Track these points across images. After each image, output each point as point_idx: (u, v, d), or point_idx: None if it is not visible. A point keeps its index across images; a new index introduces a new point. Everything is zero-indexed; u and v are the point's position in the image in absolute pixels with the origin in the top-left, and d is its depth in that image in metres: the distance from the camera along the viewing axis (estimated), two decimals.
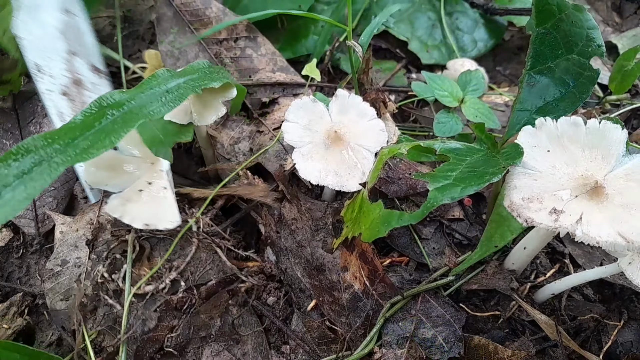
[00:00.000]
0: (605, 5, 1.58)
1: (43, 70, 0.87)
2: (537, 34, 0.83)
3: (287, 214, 0.98)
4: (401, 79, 1.42)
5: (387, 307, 0.86)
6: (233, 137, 1.12)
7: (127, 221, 0.79)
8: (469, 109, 1.15)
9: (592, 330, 0.89)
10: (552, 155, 0.71)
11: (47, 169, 0.59)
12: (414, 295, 0.89)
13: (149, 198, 0.82)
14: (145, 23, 1.40)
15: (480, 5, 1.45)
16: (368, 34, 1.08)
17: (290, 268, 0.93)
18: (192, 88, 0.81)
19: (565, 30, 0.81)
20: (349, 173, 0.87)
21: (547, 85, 0.83)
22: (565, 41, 0.81)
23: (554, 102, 0.82)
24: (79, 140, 0.63)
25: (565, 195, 0.66)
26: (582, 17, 0.80)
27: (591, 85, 0.82)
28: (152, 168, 0.85)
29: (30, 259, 0.99)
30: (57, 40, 0.89)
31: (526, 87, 0.84)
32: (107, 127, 0.67)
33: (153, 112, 0.72)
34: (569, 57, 0.82)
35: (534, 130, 0.72)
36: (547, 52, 0.83)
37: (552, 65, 0.83)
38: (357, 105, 0.95)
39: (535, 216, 0.63)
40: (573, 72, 0.82)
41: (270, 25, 1.41)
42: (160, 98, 0.75)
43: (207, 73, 0.88)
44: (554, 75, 0.83)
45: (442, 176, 0.67)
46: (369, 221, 0.71)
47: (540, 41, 0.83)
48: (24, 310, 0.92)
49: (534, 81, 0.84)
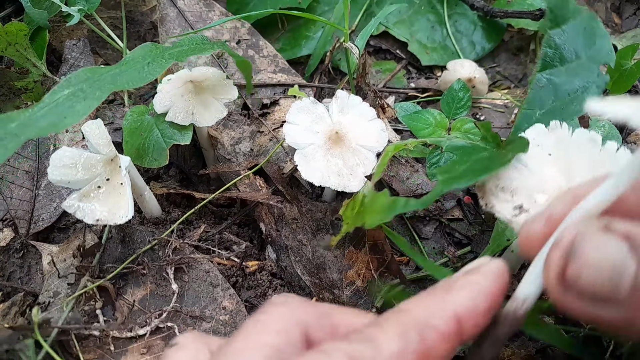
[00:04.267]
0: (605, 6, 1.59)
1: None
2: (549, 36, 0.83)
3: (288, 213, 0.98)
4: (401, 80, 1.43)
5: (386, 290, 0.87)
6: (234, 137, 1.12)
7: (80, 217, 0.80)
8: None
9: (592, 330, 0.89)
10: (551, 159, 0.68)
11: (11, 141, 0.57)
12: (421, 286, 0.90)
13: (105, 194, 0.83)
14: (147, 24, 1.41)
15: (480, 8, 1.46)
16: (364, 36, 1.08)
17: (290, 266, 0.93)
18: (176, 56, 0.80)
19: (577, 35, 0.82)
20: (350, 174, 0.88)
21: (556, 88, 0.84)
22: (576, 46, 0.82)
23: (562, 105, 0.83)
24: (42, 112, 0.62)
25: (541, 199, 0.63)
26: (595, 25, 0.81)
27: (600, 91, 0.82)
28: (112, 164, 0.85)
29: (31, 259, 1.00)
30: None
31: (535, 88, 0.85)
32: (77, 102, 0.65)
33: (129, 82, 0.71)
34: (579, 62, 0.83)
35: (544, 130, 0.70)
36: (557, 55, 0.83)
37: (562, 68, 0.84)
38: (357, 105, 0.96)
39: (497, 205, 0.62)
40: (582, 77, 0.82)
41: (270, 26, 1.42)
42: (140, 69, 0.74)
43: (199, 44, 0.87)
44: (563, 78, 0.84)
45: (450, 169, 0.69)
46: (373, 210, 0.71)
47: (552, 44, 0.84)
48: (25, 309, 0.92)
49: (543, 82, 0.85)
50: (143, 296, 0.90)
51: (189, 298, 0.89)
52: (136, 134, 0.97)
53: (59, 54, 1.27)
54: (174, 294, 0.89)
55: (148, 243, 0.94)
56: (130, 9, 1.40)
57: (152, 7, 1.43)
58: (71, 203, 0.81)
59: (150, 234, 0.96)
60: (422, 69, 1.47)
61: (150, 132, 0.98)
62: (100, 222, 0.81)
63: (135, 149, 0.96)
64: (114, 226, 0.97)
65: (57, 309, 0.88)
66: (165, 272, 0.91)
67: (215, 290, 0.90)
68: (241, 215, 1.05)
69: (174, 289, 0.90)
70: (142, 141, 0.97)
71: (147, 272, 0.92)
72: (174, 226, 0.97)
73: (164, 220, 1.01)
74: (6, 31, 1.03)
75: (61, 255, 0.95)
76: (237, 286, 0.94)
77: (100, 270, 0.92)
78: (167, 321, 0.86)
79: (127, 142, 0.97)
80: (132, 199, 0.83)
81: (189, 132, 0.97)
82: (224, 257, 0.96)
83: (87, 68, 0.73)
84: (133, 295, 0.90)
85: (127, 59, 0.79)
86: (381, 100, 1.10)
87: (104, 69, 0.74)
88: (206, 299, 0.89)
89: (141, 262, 0.93)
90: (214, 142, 1.10)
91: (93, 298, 0.89)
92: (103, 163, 0.86)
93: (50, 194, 1.04)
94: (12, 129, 0.58)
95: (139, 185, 0.93)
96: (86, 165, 0.86)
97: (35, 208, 1.03)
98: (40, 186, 1.05)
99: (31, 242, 0.98)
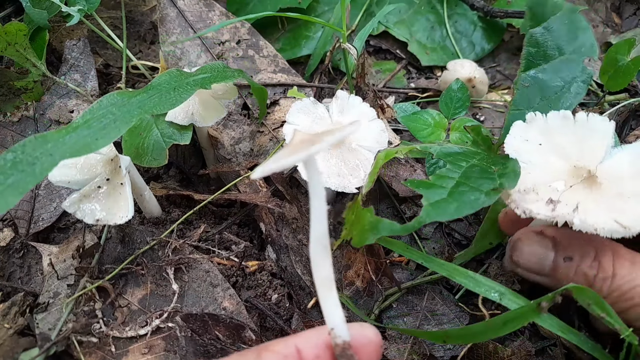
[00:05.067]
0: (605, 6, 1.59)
1: None
2: (530, 35, 0.84)
3: (288, 213, 0.98)
4: (401, 80, 1.43)
5: (382, 299, 0.87)
6: (234, 137, 1.12)
7: (79, 217, 0.80)
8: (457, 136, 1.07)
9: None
10: (544, 148, 0.73)
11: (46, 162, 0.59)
12: (419, 292, 0.90)
13: (105, 194, 0.83)
14: (147, 24, 1.41)
15: (480, 8, 1.46)
16: (363, 37, 1.08)
17: (291, 266, 0.93)
18: (201, 83, 0.82)
19: (559, 31, 0.82)
20: (350, 174, 0.88)
21: (542, 87, 0.84)
22: (558, 42, 0.82)
23: (549, 102, 0.83)
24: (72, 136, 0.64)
25: (560, 186, 0.68)
26: (575, 18, 0.81)
27: (585, 86, 0.82)
28: (112, 164, 0.85)
29: (31, 259, 1.00)
30: None
31: (521, 89, 0.85)
32: (108, 124, 0.67)
33: (156, 107, 0.73)
34: (562, 58, 0.83)
35: (524, 125, 0.75)
36: (540, 53, 0.83)
37: (546, 66, 0.84)
38: (357, 106, 0.96)
39: (533, 207, 0.63)
40: (567, 73, 0.82)
41: (270, 26, 1.42)
42: (166, 94, 0.76)
43: (221, 72, 0.89)
44: (548, 76, 0.84)
45: (437, 186, 0.68)
46: (359, 227, 0.71)
47: (534, 42, 0.84)
48: (25, 310, 0.92)
49: (529, 82, 0.85)
50: (143, 296, 0.90)
51: (189, 298, 0.89)
52: (135, 133, 0.97)
53: (59, 54, 1.27)
54: (174, 294, 0.89)
55: (147, 243, 0.94)
56: (130, 9, 1.40)
57: (152, 7, 1.42)
58: (71, 203, 0.82)
59: (150, 234, 0.96)
60: (422, 69, 1.47)
61: (149, 131, 0.98)
62: (100, 222, 0.81)
63: (134, 148, 0.96)
64: (114, 226, 0.97)
65: (57, 310, 0.88)
66: (165, 272, 0.91)
67: (216, 290, 0.90)
68: (241, 215, 1.05)
69: (174, 289, 0.90)
70: (142, 141, 0.97)
71: (146, 272, 0.92)
72: (173, 226, 0.97)
73: (164, 220, 1.01)
74: (6, 31, 1.03)
75: (61, 256, 0.95)
76: (237, 286, 0.94)
77: (100, 270, 0.92)
78: (167, 321, 0.86)
79: (126, 141, 0.97)
80: (132, 199, 0.83)
81: (189, 132, 0.97)
82: (224, 257, 0.96)
83: (116, 92, 0.76)
84: (133, 296, 0.90)
85: (154, 83, 0.82)
86: (380, 101, 1.10)
87: (131, 93, 0.76)
88: (206, 299, 0.89)
89: (140, 262, 0.93)
90: (214, 142, 1.10)
91: (93, 299, 0.89)
92: (103, 163, 0.86)
93: (50, 194, 1.04)
94: (47, 149, 0.61)
95: (139, 185, 0.94)
96: (86, 165, 0.86)
97: (35, 208, 1.03)
98: (40, 186, 1.05)
99: (31, 243, 0.98)
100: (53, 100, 1.16)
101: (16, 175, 0.57)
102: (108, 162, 0.86)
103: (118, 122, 0.69)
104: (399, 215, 1.04)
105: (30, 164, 0.59)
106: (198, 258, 0.93)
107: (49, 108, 1.14)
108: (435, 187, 0.67)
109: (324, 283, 0.53)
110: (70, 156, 0.61)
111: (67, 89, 1.16)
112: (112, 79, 1.30)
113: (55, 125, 1.13)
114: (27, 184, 0.57)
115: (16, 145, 0.60)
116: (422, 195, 0.66)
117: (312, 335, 0.55)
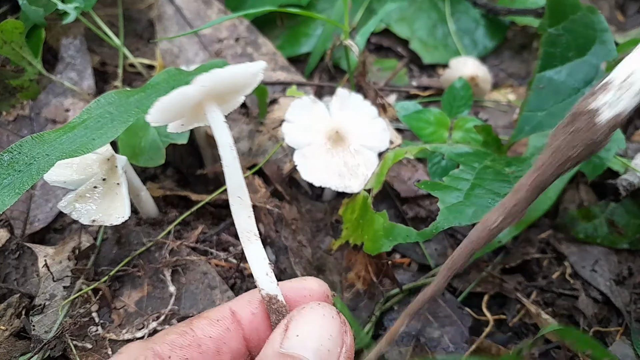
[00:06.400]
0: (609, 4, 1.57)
1: None
2: (548, 35, 0.81)
3: (287, 214, 0.96)
4: (403, 78, 1.41)
5: (383, 301, 0.86)
6: (232, 136, 1.10)
7: (75, 217, 0.79)
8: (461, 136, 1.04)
9: (595, 333, 0.88)
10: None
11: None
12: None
13: (101, 194, 0.82)
14: (144, 21, 1.39)
15: (482, 5, 1.44)
16: (365, 34, 1.06)
17: (290, 267, 0.92)
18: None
19: (578, 32, 0.79)
20: (351, 174, 0.86)
21: (557, 88, 0.81)
22: (576, 43, 0.80)
23: (564, 105, 0.81)
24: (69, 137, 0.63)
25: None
26: (595, 19, 0.79)
27: None
28: (108, 164, 0.84)
29: (27, 260, 0.98)
30: None
31: (535, 90, 0.83)
32: (105, 124, 0.66)
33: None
34: (580, 60, 0.80)
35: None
36: (558, 54, 0.81)
37: (563, 67, 0.81)
38: (358, 104, 0.94)
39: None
40: (584, 75, 0.80)
41: (269, 24, 1.40)
42: (164, 93, 0.75)
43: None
44: (564, 78, 0.82)
45: (452, 189, 0.66)
46: (372, 232, 0.69)
47: (552, 43, 0.81)
48: (21, 311, 0.91)
49: (544, 83, 0.83)
50: (140, 298, 0.88)
51: (187, 300, 0.88)
52: (132, 132, 0.96)
53: (55, 52, 1.25)
54: (172, 296, 0.87)
55: (144, 244, 0.93)
56: (127, 7, 1.38)
57: (150, 4, 1.41)
58: (67, 203, 0.80)
59: (147, 235, 0.95)
60: (424, 66, 1.45)
61: (146, 130, 0.96)
62: (96, 222, 0.80)
63: (131, 147, 0.95)
64: (110, 227, 0.96)
65: (53, 312, 0.87)
66: (162, 274, 0.90)
67: (213, 292, 0.89)
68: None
69: (172, 291, 0.88)
70: (138, 140, 0.95)
71: (143, 274, 0.90)
72: (171, 227, 0.96)
73: (161, 221, 1.00)
74: (2, 29, 1.02)
75: (57, 258, 0.93)
76: (235, 288, 0.92)
77: (96, 272, 0.91)
78: (165, 323, 0.85)
79: (122, 140, 0.95)
80: (129, 199, 0.81)
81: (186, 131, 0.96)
82: (222, 258, 0.95)
83: (114, 91, 0.75)
84: (130, 298, 0.88)
85: (151, 82, 0.81)
86: (382, 99, 1.08)
87: (129, 92, 0.75)
88: (204, 301, 0.88)
89: (137, 263, 0.91)
90: (212, 142, 1.09)
91: (89, 301, 0.87)
92: (99, 163, 0.85)
93: (46, 194, 1.03)
94: (44, 149, 0.61)
95: (136, 185, 0.92)
96: (82, 164, 0.84)
97: (31, 208, 1.01)
98: (36, 186, 1.03)
99: (27, 244, 0.97)
100: (49, 99, 1.14)
101: (13, 175, 0.57)
102: (104, 162, 0.85)
103: (115, 122, 0.68)
104: (400, 216, 1.03)
105: (27, 164, 0.58)
106: (195, 259, 0.91)
107: (45, 107, 1.13)
108: (450, 189, 0.66)
109: (243, 234, 0.54)
110: (67, 157, 0.60)
111: (63, 88, 1.15)
112: (109, 77, 1.29)
113: (51, 124, 1.12)
114: (24, 185, 0.57)
115: (13, 145, 0.60)
116: (430, 197, 0.64)
117: (246, 295, 0.55)
